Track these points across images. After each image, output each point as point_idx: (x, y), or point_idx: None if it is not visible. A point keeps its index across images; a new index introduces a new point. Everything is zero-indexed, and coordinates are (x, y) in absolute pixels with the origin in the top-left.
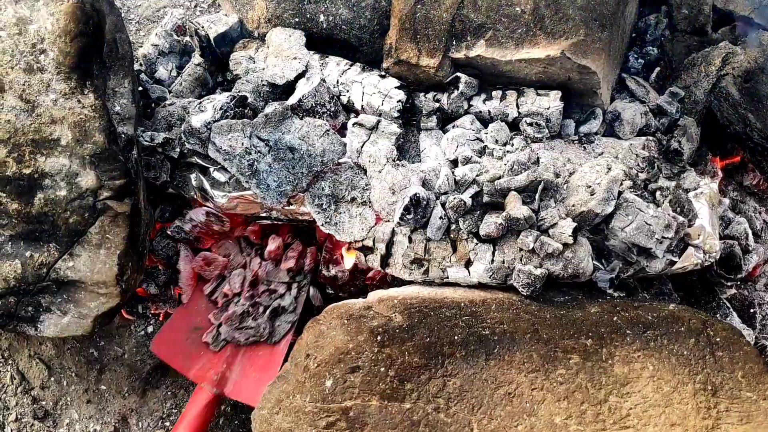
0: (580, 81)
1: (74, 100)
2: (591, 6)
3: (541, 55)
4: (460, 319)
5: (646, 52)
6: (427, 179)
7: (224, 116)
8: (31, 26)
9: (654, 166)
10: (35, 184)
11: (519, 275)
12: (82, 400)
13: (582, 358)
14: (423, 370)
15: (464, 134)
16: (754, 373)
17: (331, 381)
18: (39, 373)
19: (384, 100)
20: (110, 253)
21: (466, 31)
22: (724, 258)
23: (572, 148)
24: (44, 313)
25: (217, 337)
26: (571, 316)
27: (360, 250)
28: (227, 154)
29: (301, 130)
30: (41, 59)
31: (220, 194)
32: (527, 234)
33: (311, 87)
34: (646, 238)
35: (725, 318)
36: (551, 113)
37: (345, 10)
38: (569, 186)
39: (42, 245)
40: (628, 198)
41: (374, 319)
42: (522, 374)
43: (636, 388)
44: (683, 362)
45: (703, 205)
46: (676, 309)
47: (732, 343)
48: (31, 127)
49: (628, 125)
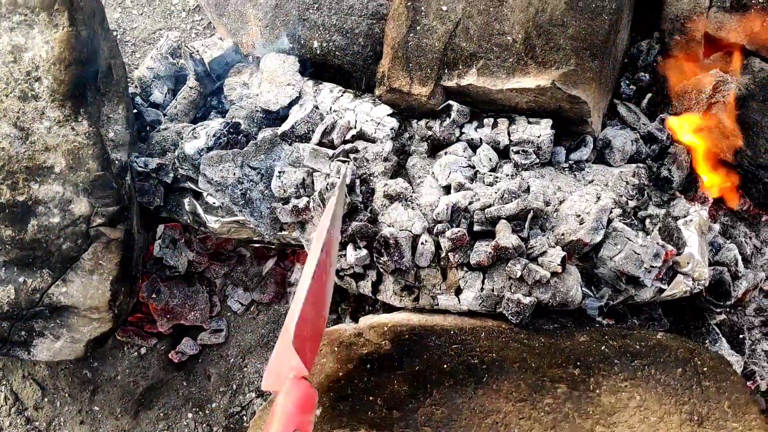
0: (570, 110)
1: (68, 128)
2: (582, 35)
3: (531, 85)
4: (450, 347)
5: (637, 78)
6: (424, 213)
7: (217, 143)
8: (26, 54)
9: (644, 194)
10: (29, 211)
11: (508, 303)
12: (75, 421)
13: (569, 387)
14: (411, 399)
15: (457, 161)
16: (740, 404)
17: (320, 409)
18: (33, 393)
19: (376, 128)
20: (103, 279)
21: (457, 60)
22: (714, 284)
23: (563, 176)
24: (37, 338)
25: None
26: (560, 344)
27: (351, 276)
28: (219, 185)
29: (291, 156)
30: (36, 87)
31: (213, 219)
32: (515, 262)
33: (304, 113)
34: (634, 267)
35: (714, 344)
36: (542, 141)
37: (339, 37)
38: (559, 215)
39: (35, 271)
40: (617, 227)
41: (364, 346)
42: (510, 403)
43: (622, 418)
44: (670, 392)
45: (692, 233)
46: (664, 338)
47: (719, 373)
48: (25, 155)
49: (619, 152)
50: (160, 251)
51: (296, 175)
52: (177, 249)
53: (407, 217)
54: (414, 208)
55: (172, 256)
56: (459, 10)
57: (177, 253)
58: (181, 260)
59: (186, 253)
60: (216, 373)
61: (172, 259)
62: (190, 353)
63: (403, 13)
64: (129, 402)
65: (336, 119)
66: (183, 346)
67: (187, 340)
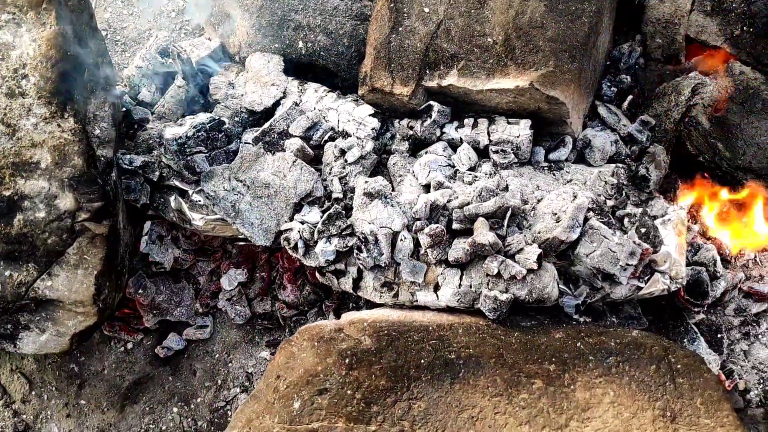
0: (549, 111)
1: (54, 124)
2: (561, 37)
3: (510, 86)
4: (428, 342)
5: (619, 80)
6: (404, 210)
7: (197, 134)
8: (13, 52)
9: (622, 193)
10: (15, 205)
11: (485, 300)
12: (62, 414)
13: (545, 383)
14: (389, 393)
15: (436, 160)
16: (713, 400)
17: (299, 402)
18: (20, 387)
19: (358, 127)
20: (87, 273)
21: (439, 61)
22: (692, 284)
23: (541, 175)
24: (23, 331)
25: None
26: (536, 341)
27: (333, 273)
28: (213, 199)
29: (273, 165)
30: (23, 84)
31: (198, 216)
32: (492, 259)
33: (283, 110)
34: (610, 264)
35: (692, 343)
36: (521, 141)
37: (323, 37)
38: (536, 213)
39: (21, 265)
40: (594, 225)
41: (344, 341)
42: (486, 398)
43: (596, 414)
44: (644, 388)
45: (669, 232)
46: (639, 336)
47: (693, 370)
48: (12, 150)
49: (599, 152)
50: (147, 247)
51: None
52: (163, 245)
53: (387, 215)
54: (394, 206)
55: (158, 253)
56: (441, 12)
57: (163, 250)
58: (167, 257)
59: (172, 250)
60: (201, 368)
61: (158, 256)
62: (176, 348)
63: (385, 15)
64: (115, 396)
65: (319, 118)
66: (169, 342)
67: (173, 335)
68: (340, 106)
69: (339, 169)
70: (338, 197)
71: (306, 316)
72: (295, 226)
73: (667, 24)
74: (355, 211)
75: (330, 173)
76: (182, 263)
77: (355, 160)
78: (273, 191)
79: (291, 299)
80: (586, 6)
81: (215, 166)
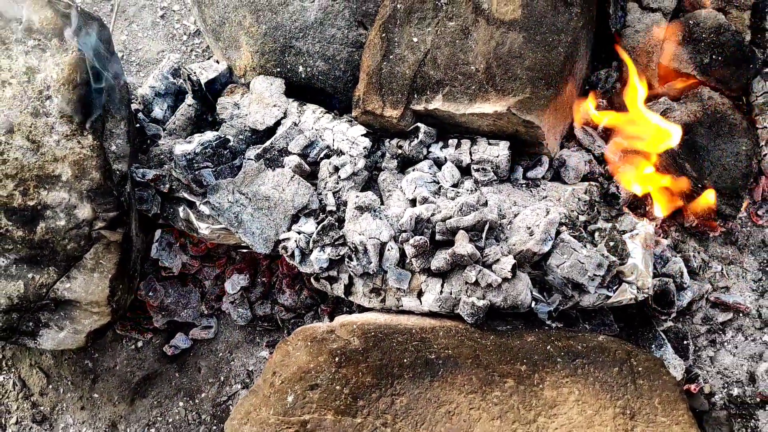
0: (526, 133)
1: (75, 141)
2: (538, 66)
3: (490, 111)
4: (410, 343)
5: (596, 105)
6: (391, 223)
7: (204, 150)
8: (38, 75)
9: (594, 209)
10: (38, 214)
11: (464, 306)
12: (76, 407)
13: (516, 382)
14: (374, 389)
15: (422, 177)
16: (670, 401)
17: (293, 396)
18: (38, 380)
19: (351, 146)
20: (103, 277)
21: (426, 87)
22: (660, 293)
23: (519, 192)
24: (43, 328)
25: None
26: (510, 344)
27: (326, 279)
28: (218, 210)
29: (273, 180)
30: (46, 104)
31: (204, 226)
32: (471, 269)
33: (284, 129)
34: (579, 274)
35: (660, 348)
36: (500, 160)
37: (321, 63)
38: (512, 226)
39: (42, 268)
40: (565, 239)
41: (335, 342)
42: (462, 395)
43: (562, 411)
44: (606, 388)
45: (636, 246)
46: (604, 340)
47: (653, 373)
48: (36, 165)
49: (573, 171)
50: (157, 253)
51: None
52: (172, 252)
53: (375, 227)
54: (382, 219)
55: (167, 258)
56: (428, 42)
57: (172, 256)
58: (176, 262)
59: (180, 256)
60: (206, 366)
61: (168, 261)
62: (183, 347)
63: (378, 44)
64: (126, 390)
65: (316, 137)
66: (176, 341)
67: (180, 335)
68: (335, 126)
69: (333, 184)
70: (332, 210)
71: (303, 318)
72: (292, 236)
73: (641, 52)
74: (347, 223)
75: (325, 188)
76: (189, 268)
77: (348, 176)
78: (272, 203)
79: (289, 303)
80: (562, 37)
81: (220, 180)
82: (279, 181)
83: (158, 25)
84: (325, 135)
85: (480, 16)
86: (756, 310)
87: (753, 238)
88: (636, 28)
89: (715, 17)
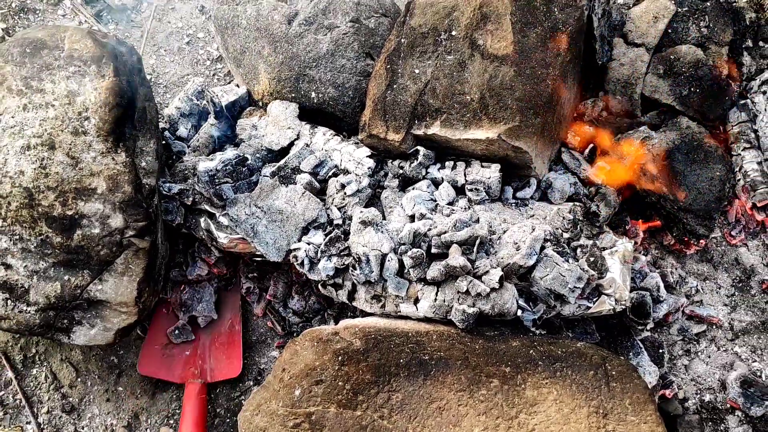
0: (515, 157)
1: (109, 158)
2: (527, 97)
3: (482, 137)
4: (407, 345)
5: (583, 131)
6: (392, 236)
7: (225, 167)
8: (78, 98)
9: (577, 227)
10: (75, 223)
11: (456, 312)
12: (102, 399)
13: (501, 382)
14: (373, 386)
15: (421, 195)
16: (640, 402)
17: (300, 391)
18: (68, 374)
19: (357, 166)
20: (131, 280)
21: (425, 114)
22: (637, 305)
23: (509, 211)
24: (76, 325)
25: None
26: (496, 347)
27: (332, 286)
28: (236, 221)
29: (285, 195)
30: (85, 124)
31: (223, 235)
32: (463, 279)
33: (297, 150)
34: (560, 286)
35: (637, 356)
36: (492, 182)
37: (332, 90)
38: (501, 242)
39: (78, 271)
40: (548, 253)
41: (338, 342)
42: (451, 393)
43: (542, 409)
44: (582, 390)
45: (615, 261)
46: (582, 346)
47: (625, 377)
48: (75, 178)
49: (558, 192)
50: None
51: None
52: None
53: (378, 239)
54: (383, 232)
55: (190, 272)
56: (429, 73)
57: (193, 267)
58: (195, 271)
59: (200, 265)
60: None
61: (189, 273)
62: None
63: (383, 74)
64: (147, 384)
65: (325, 157)
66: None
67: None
68: (343, 147)
69: (339, 200)
70: (338, 223)
71: (311, 323)
72: (302, 246)
73: (626, 84)
74: (352, 236)
75: (332, 203)
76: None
77: (353, 193)
78: (285, 217)
79: (298, 308)
80: (550, 71)
81: (239, 195)
82: (291, 196)
83: (184, 50)
84: (333, 155)
85: (476, 51)
86: (728, 323)
87: (727, 256)
88: (621, 61)
89: (694, 53)
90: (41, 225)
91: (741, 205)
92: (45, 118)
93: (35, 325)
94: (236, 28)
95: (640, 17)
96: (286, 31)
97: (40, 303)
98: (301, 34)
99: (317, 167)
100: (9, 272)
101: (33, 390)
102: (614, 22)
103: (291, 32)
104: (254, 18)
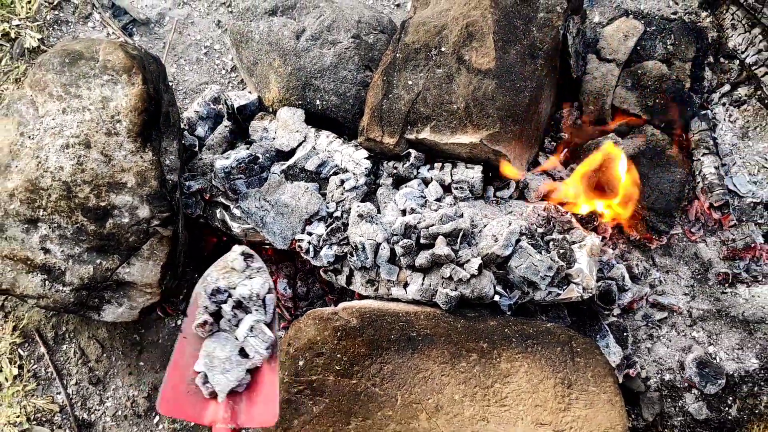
0: (496, 160)
1: (138, 156)
2: (507, 106)
3: (467, 141)
4: (397, 324)
5: (559, 137)
6: (385, 228)
7: (239, 165)
8: (111, 103)
9: (550, 223)
10: (107, 213)
11: (440, 295)
12: (125, 372)
13: (479, 356)
14: (367, 358)
15: (412, 192)
16: (601, 375)
17: (303, 362)
18: (95, 350)
19: (355, 166)
20: (156, 264)
21: (417, 120)
22: (604, 293)
23: (489, 207)
24: (106, 304)
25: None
26: (476, 326)
27: (332, 271)
28: (247, 213)
29: (291, 191)
30: (117, 126)
31: (236, 225)
32: (447, 267)
33: (304, 152)
34: (533, 274)
35: (603, 338)
36: (475, 181)
37: (335, 98)
38: (482, 234)
39: (108, 256)
40: (523, 246)
41: (337, 321)
42: (436, 365)
43: (514, 380)
44: (550, 363)
45: (583, 254)
46: (552, 326)
47: (588, 353)
48: (107, 174)
49: (534, 192)
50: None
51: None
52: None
53: (372, 230)
54: (378, 224)
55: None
56: (420, 85)
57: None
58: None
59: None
60: None
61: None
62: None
63: (380, 85)
64: (166, 360)
65: (328, 157)
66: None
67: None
68: (344, 149)
69: (339, 195)
70: (338, 216)
71: (314, 306)
72: (305, 236)
73: (597, 95)
74: (350, 227)
75: (332, 198)
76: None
77: (351, 189)
78: (290, 210)
79: (302, 292)
80: (528, 83)
81: (250, 189)
82: (296, 192)
83: (202, 60)
84: (335, 156)
85: (462, 65)
86: (687, 310)
87: (687, 251)
88: (594, 75)
89: (659, 68)
90: (77, 214)
91: (700, 205)
92: (82, 121)
93: (70, 303)
94: (250, 42)
95: (611, 35)
96: (294, 45)
97: (74, 284)
98: (307, 48)
99: (320, 166)
100: (48, 256)
101: (63, 364)
102: (588, 39)
103: (299, 46)
104: (266, 33)
